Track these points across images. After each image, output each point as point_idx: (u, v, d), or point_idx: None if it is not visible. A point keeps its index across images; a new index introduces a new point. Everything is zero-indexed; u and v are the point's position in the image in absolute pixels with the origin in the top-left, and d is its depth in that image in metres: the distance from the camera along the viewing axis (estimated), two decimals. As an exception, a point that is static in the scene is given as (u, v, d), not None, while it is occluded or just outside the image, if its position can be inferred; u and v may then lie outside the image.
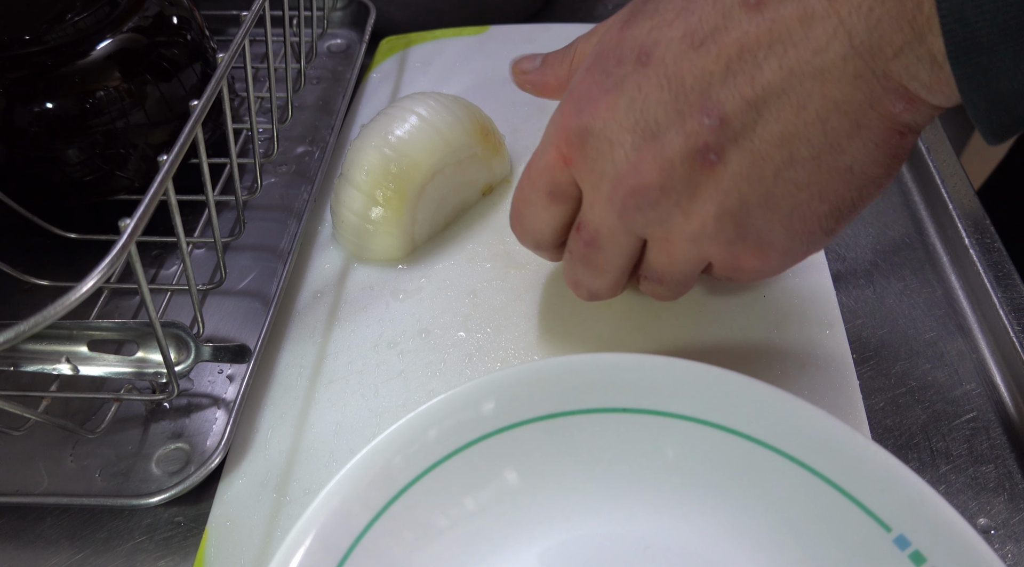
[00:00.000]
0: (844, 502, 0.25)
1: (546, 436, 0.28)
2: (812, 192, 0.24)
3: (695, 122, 0.24)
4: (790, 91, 0.22)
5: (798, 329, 0.34)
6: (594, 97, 0.26)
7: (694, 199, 0.25)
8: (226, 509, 0.30)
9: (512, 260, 0.38)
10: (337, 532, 0.25)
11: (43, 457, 0.32)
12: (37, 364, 0.33)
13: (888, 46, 0.21)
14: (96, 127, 0.36)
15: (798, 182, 0.24)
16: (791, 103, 0.22)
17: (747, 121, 0.23)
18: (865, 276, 0.39)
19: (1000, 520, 0.30)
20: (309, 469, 0.31)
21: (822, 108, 0.22)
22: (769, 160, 0.23)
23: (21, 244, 0.40)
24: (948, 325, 0.37)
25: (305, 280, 0.38)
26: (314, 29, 0.49)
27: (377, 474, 0.26)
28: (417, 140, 0.36)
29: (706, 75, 0.23)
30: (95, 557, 0.30)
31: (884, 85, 0.22)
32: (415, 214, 0.37)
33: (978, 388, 0.35)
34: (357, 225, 0.37)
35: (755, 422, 0.27)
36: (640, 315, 0.35)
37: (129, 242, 0.25)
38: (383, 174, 0.36)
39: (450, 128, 0.37)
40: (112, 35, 0.36)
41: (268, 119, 0.43)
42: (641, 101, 0.25)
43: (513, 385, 0.28)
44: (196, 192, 0.36)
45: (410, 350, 0.35)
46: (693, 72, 0.24)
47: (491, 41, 0.51)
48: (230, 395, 0.34)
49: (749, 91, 0.23)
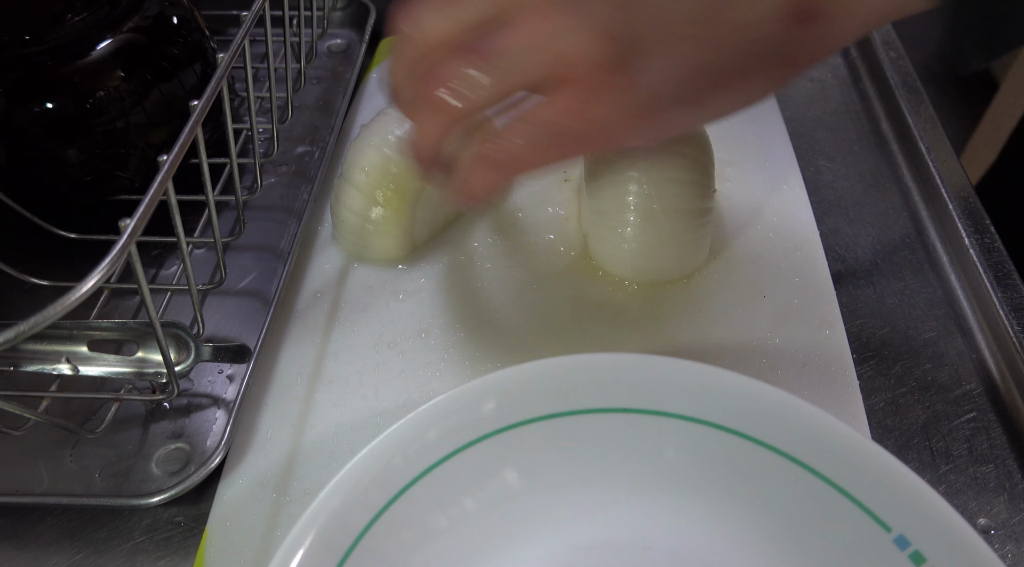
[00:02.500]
0: (844, 502, 0.25)
1: (546, 436, 0.28)
2: (704, 30, 0.23)
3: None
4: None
5: (798, 329, 0.34)
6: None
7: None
8: (226, 509, 0.30)
9: (512, 260, 0.38)
10: (337, 532, 0.25)
11: (43, 457, 0.32)
12: (37, 364, 0.33)
13: None
14: (96, 127, 0.36)
15: (696, 12, 0.23)
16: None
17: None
18: (865, 276, 0.39)
19: (1000, 520, 0.30)
20: (309, 469, 0.31)
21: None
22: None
23: (21, 244, 0.40)
24: (948, 325, 0.37)
25: (305, 280, 0.38)
26: (314, 29, 0.49)
27: (377, 474, 0.26)
28: None
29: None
30: (95, 557, 0.30)
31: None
32: (415, 214, 0.37)
33: (978, 388, 0.35)
34: (357, 225, 0.37)
35: (755, 422, 0.27)
36: (640, 315, 0.35)
37: (129, 242, 0.25)
38: (383, 174, 0.36)
39: None
40: (112, 35, 0.36)
41: (268, 119, 0.43)
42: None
43: (513, 385, 0.28)
44: (196, 192, 0.36)
45: (410, 350, 0.35)
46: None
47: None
48: (230, 395, 0.34)
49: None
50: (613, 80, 0.24)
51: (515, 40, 0.25)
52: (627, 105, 0.24)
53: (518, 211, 0.40)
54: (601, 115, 0.25)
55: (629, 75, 0.24)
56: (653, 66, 0.24)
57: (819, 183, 0.44)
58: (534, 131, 0.26)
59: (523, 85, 0.25)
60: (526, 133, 0.26)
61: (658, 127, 0.26)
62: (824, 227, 0.40)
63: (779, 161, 0.43)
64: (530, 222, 0.40)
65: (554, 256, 0.38)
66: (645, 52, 0.23)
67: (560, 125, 0.25)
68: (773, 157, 0.43)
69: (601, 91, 0.24)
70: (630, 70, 0.24)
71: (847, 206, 0.43)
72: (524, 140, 0.26)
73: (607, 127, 0.25)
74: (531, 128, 0.26)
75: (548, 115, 0.25)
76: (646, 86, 0.24)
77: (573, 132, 0.25)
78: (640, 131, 0.26)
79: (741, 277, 0.37)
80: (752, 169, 0.42)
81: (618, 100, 0.24)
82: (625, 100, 0.24)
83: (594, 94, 0.24)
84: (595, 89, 0.24)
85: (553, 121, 0.25)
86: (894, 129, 0.47)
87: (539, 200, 0.41)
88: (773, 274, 0.37)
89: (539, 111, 0.25)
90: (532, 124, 0.26)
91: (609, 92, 0.24)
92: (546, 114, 0.25)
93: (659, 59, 0.24)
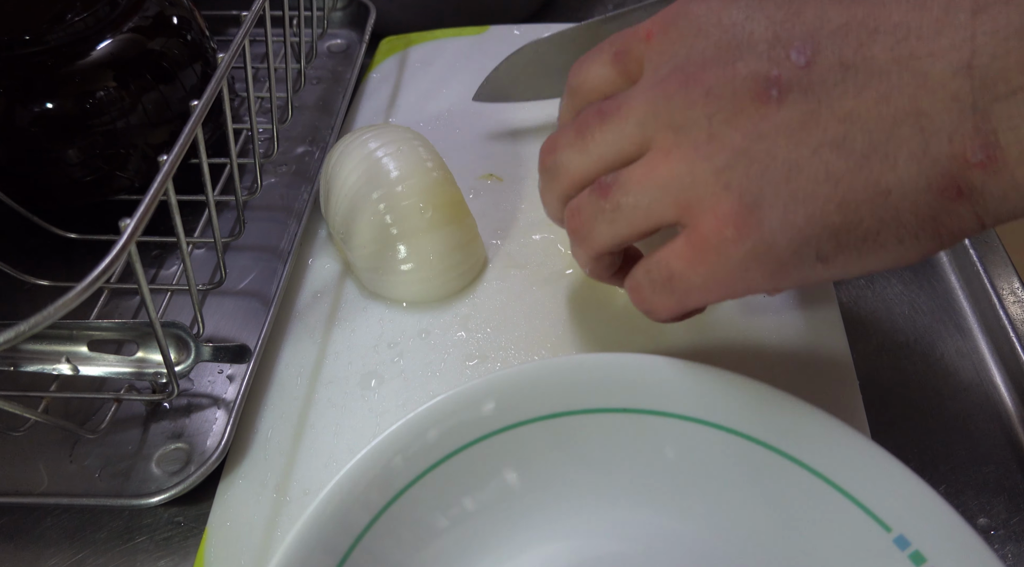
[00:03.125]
0: (844, 502, 0.25)
1: (546, 436, 0.28)
2: (835, 190, 0.22)
3: (783, 53, 0.22)
4: (885, 76, 0.21)
5: (798, 329, 0.34)
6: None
7: (727, 123, 0.23)
8: (226, 509, 0.30)
9: (512, 260, 0.38)
10: (337, 532, 0.25)
11: (43, 457, 0.32)
12: (37, 364, 0.33)
13: (1003, 82, 0.19)
14: (96, 127, 0.36)
15: (831, 170, 0.21)
16: (878, 87, 0.21)
17: (828, 79, 0.22)
18: (865, 276, 0.39)
19: (1000, 520, 0.30)
20: (309, 469, 0.31)
21: (902, 110, 0.21)
22: (821, 128, 0.22)
23: (21, 244, 0.40)
24: (948, 325, 0.37)
25: (305, 280, 0.38)
26: (314, 29, 0.49)
27: (377, 474, 0.26)
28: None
29: (824, 20, 0.22)
30: (95, 557, 0.30)
31: (975, 122, 0.20)
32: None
33: (978, 388, 0.35)
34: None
35: (755, 422, 0.27)
36: (640, 315, 0.35)
37: (129, 242, 0.25)
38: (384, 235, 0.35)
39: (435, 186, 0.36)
40: (112, 35, 0.36)
41: (268, 119, 0.43)
42: (754, 9, 0.24)
43: (513, 385, 0.28)
44: (196, 192, 0.36)
45: (410, 350, 0.35)
46: (815, 12, 0.23)
47: (491, 41, 0.51)
48: (230, 395, 0.34)
49: (850, 54, 0.21)
50: (730, 233, 0.23)
51: (638, 180, 0.25)
52: (744, 259, 0.23)
53: (518, 211, 0.40)
54: (715, 267, 0.24)
55: (748, 229, 0.23)
56: (776, 220, 0.22)
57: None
58: (655, 272, 0.26)
59: (650, 229, 0.26)
60: (649, 274, 0.26)
61: (779, 282, 0.24)
62: (824, 227, 0.40)
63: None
64: (530, 222, 0.40)
65: (554, 256, 0.38)
66: (770, 206, 0.22)
67: (674, 271, 0.25)
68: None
69: (718, 243, 0.23)
70: (750, 224, 0.23)
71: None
72: (645, 281, 0.26)
73: (722, 279, 0.24)
74: (653, 268, 0.26)
75: (665, 258, 0.25)
76: (766, 240, 0.23)
77: (687, 281, 0.25)
78: (759, 285, 0.24)
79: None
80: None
81: (734, 254, 0.23)
82: (742, 254, 0.23)
83: (710, 245, 0.23)
84: (711, 240, 0.23)
85: (667, 264, 0.25)
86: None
87: (538, 200, 0.41)
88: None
89: (660, 253, 0.25)
90: (653, 265, 0.26)
91: (725, 245, 0.23)
92: (664, 257, 0.25)
93: (783, 215, 0.22)
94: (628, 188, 0.25)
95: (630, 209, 0.25)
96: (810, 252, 0.22)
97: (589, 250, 0.28)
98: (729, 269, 0.23)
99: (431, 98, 0.47)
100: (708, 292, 0.25)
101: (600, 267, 0.29)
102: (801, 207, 0.22)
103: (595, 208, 0.26)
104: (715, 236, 0.23)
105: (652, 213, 0.25)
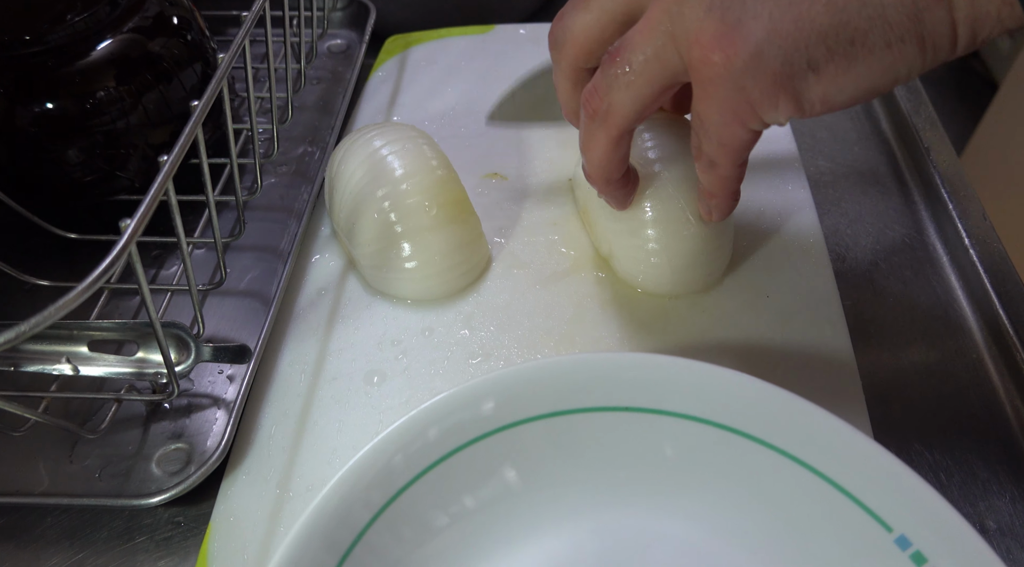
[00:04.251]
0: (845, 502, 0.25)
1: (546, 435, 0.28)
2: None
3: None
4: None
5: (800, 328, 0.34)
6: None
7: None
8: (229, 505, 0.30)
9: (515, 259, 0.38)
10: (338, 529, 0.25)
11: (43, 457, 0.32)
12: (37, 364, 0.33)
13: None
14: (96, 127, 0.36)
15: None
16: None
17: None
18: (865, 276, 0.39)
19: (1002, 520, 0.30)
20: (312, 466, 0.31)
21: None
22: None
23: (21, 244, 0.40)
24: (948, 325, 0.37)
25: (306, 279, 0.38)
26: (314, 29, 0.49)
27: (379, 472, 0.26)
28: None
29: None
30: (95, 557, 0.30)
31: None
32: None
33: (978, 387, 0.35)
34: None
35: (756, 421, 0.27)
36: (642, 315, 0.35)
37: (129, 242, 0.25)
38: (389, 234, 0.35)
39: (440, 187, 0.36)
40: (112, 35, 0.36)
41: (268, 119, 0.43)
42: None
43: (514, 384, 0.28)
44: (196, 192, 0.36)
45: (413, 348, 0.35)
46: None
47: (495, 40, 0.51)
48: (230, 395, 0.34)
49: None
50: (717, 57, 0.23)
51: (641, 31, 0.25)
52: (737, 78, 0.23)
53: (522, 210, 0.40)
54: (717, 97, 0.24)
55: (734, 48, 0.23)
56: (761, 31, 0.23)
57: (819, 183, 0.44)
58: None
59: (668, 79, 0.26)
60: None
61: (775, 100, 0.24)
62: (824, 227, 0.40)
63: (782, 161, 0.43)
64: (534, 221, 0.40)
65: (557, 256, 0.38)
66: (754, 18, 0.23)
67: (699, 114, 0.26)
68: (776, 157, 0.43)
69: (712, 73, 0.24)
70: (736, 42, 0.23)
71: (847, 206, 0.43)
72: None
73: (729, 107, 0.24)
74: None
75: (692, 109, 0.26)
76: (753, 53, 0.23)
77: (708, 120, 0.25)
78: (760, 106, 0.24)
79: (745, 277, 0.37)
80: (755, 169, 0.42)
81: (727, 76, 0.23)
82: (735, 73, 0.23)
83: (705, 78, 0.24)
84: (705, 72, 0.24)
85: (695, 113, 0.26)
86: (894, 129, 0.47)
87: (542, 199, 0.41)
88: (777, 274, 0.37)
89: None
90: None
91: (715, 70, 0.23)
92: (692, 109, 0.26)
93: (769, 23, 0.22)
94: (634, 44, 0.26)
95: (642, 64, 0.25)
96: (801, 60, 0.23)
97: (612, 128, 0.28)
98: (727, 94, 0.24)
99: (436, 97, 0.47)
100: (725, 127, 0.25)
101: (617, 157, 0.29)
102: (788, 12, 0.22)
103: (610, 78, 0.27)
104: (706, 66, 0.24)
105: (663, 60, 0.25)
